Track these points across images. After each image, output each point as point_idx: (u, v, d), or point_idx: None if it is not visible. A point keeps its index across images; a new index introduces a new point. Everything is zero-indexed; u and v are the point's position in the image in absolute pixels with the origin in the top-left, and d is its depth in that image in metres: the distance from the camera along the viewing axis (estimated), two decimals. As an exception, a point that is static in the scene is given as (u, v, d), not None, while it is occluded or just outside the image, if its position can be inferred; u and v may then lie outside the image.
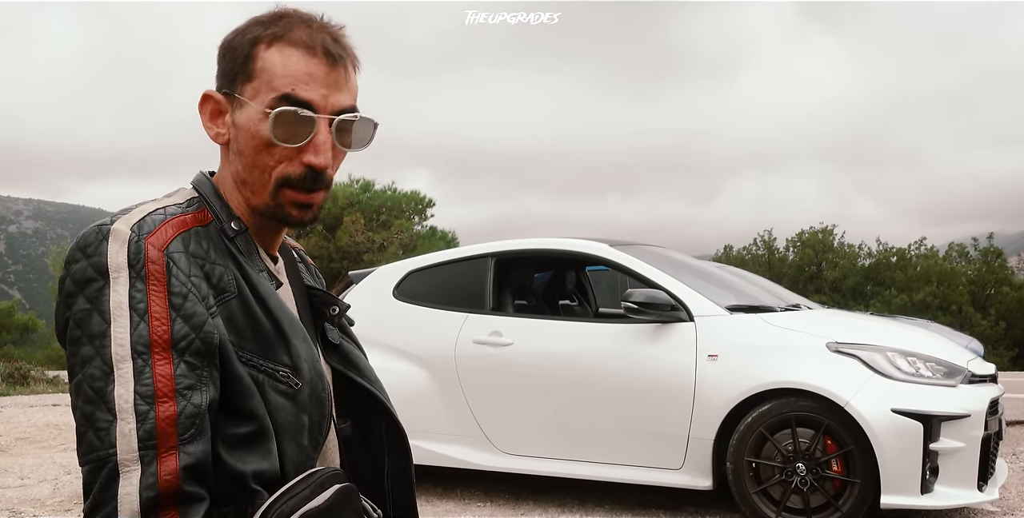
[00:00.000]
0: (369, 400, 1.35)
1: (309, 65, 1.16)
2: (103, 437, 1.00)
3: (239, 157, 1.19)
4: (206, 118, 1.22)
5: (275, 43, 1.17)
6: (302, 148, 1.16)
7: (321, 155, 1.16)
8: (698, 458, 4.53)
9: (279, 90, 1.15)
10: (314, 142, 1.16)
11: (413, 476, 1.39)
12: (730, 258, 29.34)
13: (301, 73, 1.16)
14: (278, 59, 1.16)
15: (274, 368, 1.14)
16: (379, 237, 24.07)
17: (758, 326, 4.65)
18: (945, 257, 28.46)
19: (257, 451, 1.10)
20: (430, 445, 5.17)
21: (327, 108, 1.17)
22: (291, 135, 1.15)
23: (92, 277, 1.05)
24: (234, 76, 1.19)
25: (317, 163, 1.16)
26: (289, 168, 1.17)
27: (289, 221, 1.20)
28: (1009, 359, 23.37)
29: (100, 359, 1.02)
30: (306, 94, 1.15)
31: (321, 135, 1.16)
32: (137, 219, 1.10)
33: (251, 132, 1.17)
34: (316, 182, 1.18)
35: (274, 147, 1.16)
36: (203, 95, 1.22)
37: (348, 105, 1.19)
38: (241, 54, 1.18)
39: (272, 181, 1.17)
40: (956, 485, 4.15)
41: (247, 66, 1.18)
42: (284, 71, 1.16)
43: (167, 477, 1.00)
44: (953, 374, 4.41)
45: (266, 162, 1.17)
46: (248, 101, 1.17)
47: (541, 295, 5.95)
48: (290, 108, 1.14)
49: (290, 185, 1.17)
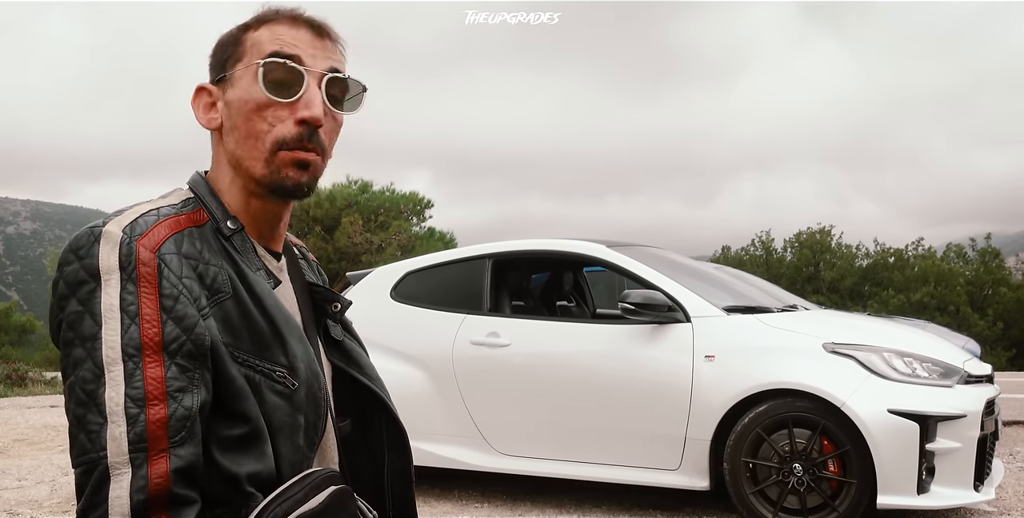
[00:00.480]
0: (370, 398, 1.36)
1: (296, 33, 1.20)
2: (94, 440, 1.01)
3: (233, 133, 1.20)
4: (199, 110, 1.23)
5: (262, 25, 1.21)
6: (294, 106, 1.17)
7: (313, 107, 1.17)
8: (695, 459, 4.53)
9: (267, 51, 1.18)
10: (305, 97, 1.17)
11: (413, 475, 1.39)
12: (728, 259, 29.35)
13: (288, 37, 1.19)
14: (265, 33, 1.20)
15: (270, 368, 1.14)
16: (377, 238, 24.07)
17: (755, 327, 4.66)
18: (943, 258, 28.48)
19: (251, 453, 1.10)
20: (428, 446, 5.17)
21: (315, 65, 1.19)
22: (282, 88, 1.17)
23: (84, 279, 1.05)
24: (224, 61, 1.22)
25: (309, 115, 1.16)
26: (283, 129, 1.17)
27: (287, 186, 1.18)
28: (1007, 359, 23.39)
29: (91, 361, 1.03)
30: (293, 50, 1.18)
31: (312, 90, 1.17)
32: (129, 221, 1.10)
33: (243, 99, 1.18)
34: (311, 139, 1.18)
35: (265, 109, 1.17)
36: (197, 88, 1.24)
37: (336, 68, 1.21)
38: (231, 42, 1.22)
39: (267, 145, 1.17)
40: (952, 485, 4.16)
41: (236, 49, 1.21)
42: (271, 38, 1.19)
43: (157, 480, 1.00)
44: (949, 374, 4.42)
45: (260, 127, 1.18)
46: (239, 73, 1.19)
47: (538, 296, 5.95)
48: (279, 60, 1.17)
49: (285, 146, 1.17)
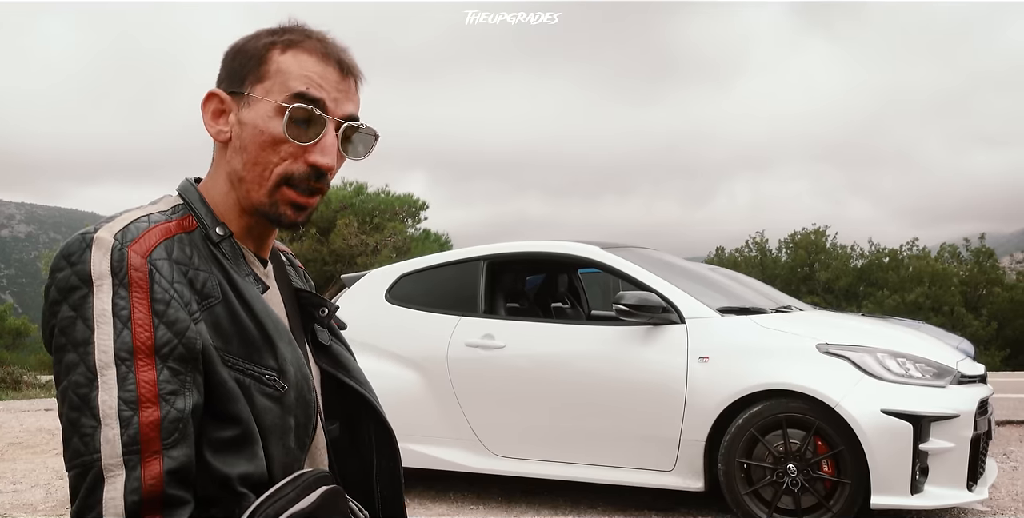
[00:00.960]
0: (358, 401, 1.37)
1: (324, 70, 1.20)
2: (88, 443, 1.02)
3: (241, 154, 1.21)
4: (208, 116, 1.24)
5: (290, 49, 1.21)
6: (308, 148, 1.19)
7: (327, 156, 1.19)
8: (690, 459, 4.54)
9: (294, 89, 1.18)
10: (322, 143, 1.19)
11: (402, 477, 1.40)
12: (722, 260, 29.38)
13: (316, 75, 1.19)
14: (294, 62, 1.20)
15: (260, 372, 1.15)
16: (372, 240, 24.05)
17: (749, 328, 4.67)
18: (937, 258, 28.53)
19: (243, 454, 1.11)
20: (423, 448, 5.17)
21: (336, 112, 1.20)
22: (302, 133, 1.18)
23: (76, 285, 1.07)
24: (244, 76, 1.21)
25: (323, 163, 1.19)
26: (292, 166, 1.19)
27: (282, 221, 1.22)
28: (1001, 359, 23.43)
29: (84, 366, 1.04)
30: (319, 93, 1.19)
31: (329, 136, 1.19)
32: (120, 227, 1.11)
33: (259, 128, 1.19)
34: (319, 181, 1.21)
35: (280, 144, 1.18)
36: (208, 93, 1.24)
37: (354, 114, 1.23)
38: (254, 56, 1.21)
39: (273, 178, 1.19)
40: (946, 485, 4.18)
41: (260, 68, 1.20)
42: (300, 72, 1.19)
43: (151, 481, 1.02)
44: (942, 375, 4.43)
45: (269, 158, 1.19)
46: (260, 98, 1.19)
47: (533, 298, 5.96)
48: (306, 105, 1.18)
49: (290, 183, 1.19)
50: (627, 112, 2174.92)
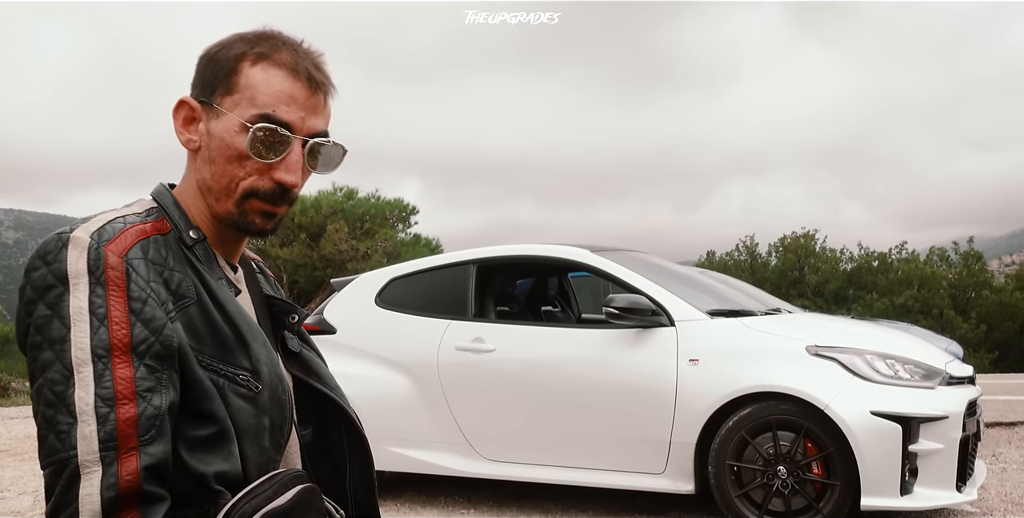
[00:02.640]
0: (330, 407, 1.37)
1: (293, 88, 1.20)
2: (64, 439, 1.02)
3: (209, 165, 1.22)
4: (179, 123, 1.25)
5: (260, 62, 1.21)
6: (273, 165, 1.20)
7: (292, 173, 1.20)
8: (680, 462, 4.54)
9: (261, 108, 1.19)
10: (287, 160, 1.20)
11: (375, 481, 1.41)
12: (713, 264, 29.42)
13: (284, 94, 1.20)
14: (262, 77, 1.20)
15: (234, 372, 1.16)
16: (363, 245, 23.99)
17: (739, 330, 4.68)
18: (926, 261, 28.65)
19: (219, 453, 1.12)
20: (413, 452, 5.16)
21: (303, 130, 1.21)
22: (266, 151, 1.19)
23: (52, 284, 1.07)
24: (215, 87, 1.22)
25: (288, 180, 1.20)
26: (259, 182, 1.21)
27: (251, 229, 1.23)
28: (990, 361, 23.52)
29: (60, 363, 1.04)
30: (286, 116, 1.19)
31: (295, 154, 1.20)
32: (97, 227, 1.12)
33: (226, 143, 1.20)
34: (283, 198, 1.22)
35: (246, 160, 1.20)
36: (178, 101, 1.25)
37: (322, 130, 1.24)
38: (224, 67, 1.21)
39: (239, 191, 1.21)
40: (935, 486, 4.18)
41: (229, 79, 1.21)
42: (268, 90, 1.19)
43: (128, 477, 1.02)
44: (931, 376, 4.45)
45: (236, 172, 1.20)
46: (227, 112, 1.20)
47: (523, 301, 5.96)
48: (270, 126, 1.18)
49: (257, 197, 1.21)
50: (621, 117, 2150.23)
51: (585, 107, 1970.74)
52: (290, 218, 23.85)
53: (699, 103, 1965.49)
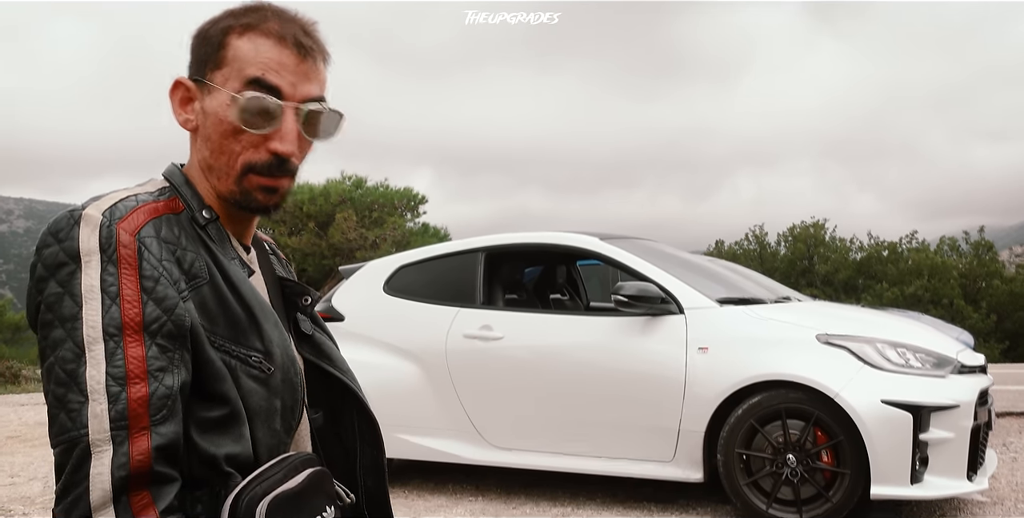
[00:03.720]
0: (342, 390, 1.36)
1: (280, 54, 1.17)
2: (75, 418, 1.01)
3: (206, 143, 1.20)
4: (176, 104, 1.23)
5: (247, 32, 1.18)
6: (268, 135, 1.17)
7: (287, 143, 1.17)
8: (689, 450, 4.53)
9: (249, 75, 1.16)
10: (281, 130, 1.17)
11: (385, 466, 1.39)
12: (722, 253, 29.33)
13: (271, 61, 1.17)
14: (249, 47, 1.17)
15: (246, 353, 1.15)
16: (372, 234, 24.02)
17: (748, 318, 4.66)
18: (936, 251, 28.52)
19: (229, 434, 1.11)
20: (421, 440, 5.16)
21: (295, 96, 1.18)
22: (258, 122, 1.16)
23: (64, 261, 1.06)
24: (204, 63, 1.20)
25: (283, 150, 1.17)
26: (255, 155, 1.18)
27: (254, 206, 1.21)
28: (1000, 351, 23.44)
29: (72, 341, 1.03)
30: (275, 80, 1.17)
31: (288, 123, 1.17)
32: (109, 205, 1.11)
33: (219, 118, 1.18)
34: (281, 169, 1.19)
35: (241, 133, 1.17)
36: (174, 82, 1.23)
37: (316, 95, 1.20)
38: (213, 42, 1.19)
39: (238, 167, 1.18)
40: (946, 475, 4.16)
41: (218, 54, 1.19)
42: (255, 58, 1.17)
43: (139, 457, 1.01)
44: (942, 365, 4.42)
45: (232, 148, 1.18)
46: (218, 87, 1.18)
47: (532, 289, 5.94)
48: (258, 95, 1.16)
49: (255, 171, 1.18)
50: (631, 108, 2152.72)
51: (595, 99, 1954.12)
52: (299, 207, 23.88)
53: (709, 95, 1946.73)
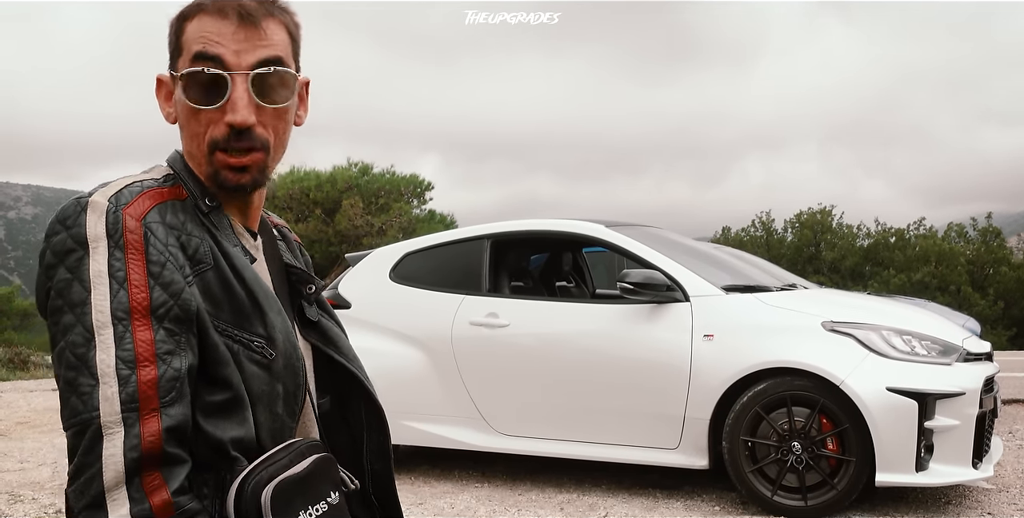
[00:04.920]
0: (347, 377, 1.37)
1: (219, 25, 1.17)
2: (86, 401, 1.03)
3: (182, 130, 1.22)
4: (161, 101, 1.25)
5: (195, 16, 1.19)
6: (223, 108, 1.17)
7: (239, 112, 1.16)
8: (694, 438, 4.54)
9: (191, 53, 1.17)
10: (231, 100, 1.16)
11: (391, 453, 1.41)
12: (728, 240, 29.27)
13: (211, 34, 1.17)
14: (196, 28, 1.18)
15: (249, 339, 1.16)
16: (378, 221, 24.03)
17: (754, 306, 4.65)
18: (944, 237, 28.42)
19: (233, 418, 1.13)
20: (428, 426, 5.19)
21: (241, 65, 1.17)
22: (205, 96, 1.16)
23: (72, 248, 1.08)
24: (171, 54, 1.22)
25: (234, 120, 1.16)
26: (215, 131, 1.18)
27: (227, 186, 1.20)
28: (1008, 338, 23.38)
29: (81, 326, 1.05)
30: (215, 50, 1.16)
31: (237, 92, 1.16)
32: (114, 191, 1.13)
33: (182, 102, 1.19)
34: (241, 140, 1.17)
35: (199, 113, 1.17)
36: (156, 79, 1.25)
37: (265, 58, 1.18)
38: (173, 32, 1.21)
39: (205, 147, 1.19)
40: (951, 463, 4.17)
41: (176, 41, 1.21)
42: (197, 36, 1.18)
43: (150, 438, 1.03)
44: (948, 352, 4.41)
45: (197, 130, 1.19)
46: (177, 75, 1.19)
47: (538, 276, 5.94)
48: (197, 68, 1.16)
49: (219, 147, 1.18)
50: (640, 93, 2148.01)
51: (605, 84, 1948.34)
52: (305, 193, 23.88)
53: (719, 79, 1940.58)
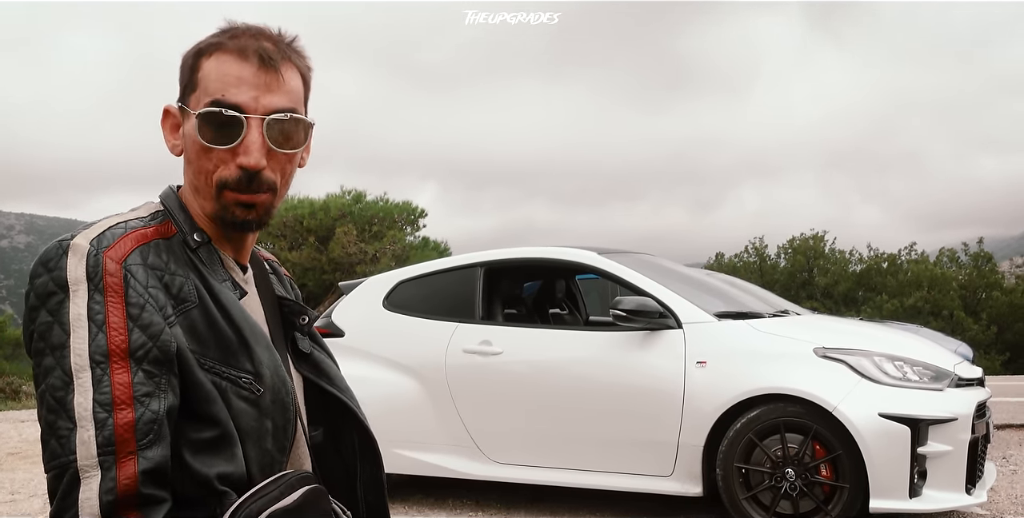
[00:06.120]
0: (340, 409, 1.38)
1: (240, 69, 1.19)
2: (64, 444, 1.04)
3: (189, 166, 1.23)
4: (167, 132, 1.26)
5: (214, 53, 1.21)
6: (235, 150, 1.19)
7: (252, 155, 1.18)
8: (688, 465, 4.54)
9: (211, 96, 1.19)
10: (244, 143, 1.18)
11: (385, 484, 1.41)
12: (722, 265, 29.33)
13: (231, 77, 1.19)
14: (214, 67, 1.20)
15: (236, 375, 1.17)
16: (372, 248, 24.03)
17: (746, 332, 4.67)
18: (936, 262, 28.52)
19: (222, 455, 1.13)
20: (421, 455, 5.17)
21: (258, 110, 1.19)
22: (219, 136, 1.18)
23: (53, 291, 1.09)
24: (183, 88, 1.23)
25: (246, 163, 1.18)
26: (225, 171, 1.20)
27: (235, 223, 1.22)
28: (1001, 363, 23.39)
29: (61, 369, 1.06)
30: (235, 98, 1.18)
31: (251, 136, 1.18)
32: (96, 233, 1.14)
33: (192, 138, 1.20)
34: (251, 183, 1.20)
35: (210, 151, 1.19)
36: (163, 110, 1.26)
37: (281, 106, 1.21)
38: (188, 66, 1.23)
39: (213, 185, 1.21)
40: (944, 489, 4.17)
41: (192, 77, 1.22)
42: (216, 76, 1.19)
43: (126, 481, 1.03)
44: (940, 378, 4.43)
45: (206, 167, 1.20)
46: (190, 110, 1.21)
47: (531, 304, 5.96)
48: (214, 109, 1.17)
49: (228, 187, 1.20)
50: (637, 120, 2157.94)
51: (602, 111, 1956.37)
52: (299, 221, 23.90)
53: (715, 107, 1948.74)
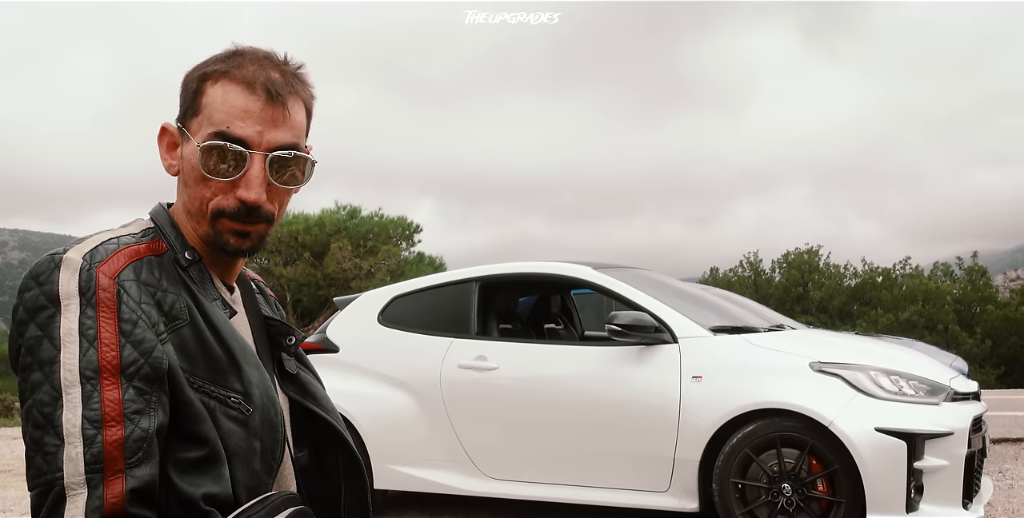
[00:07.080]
0: (326, 429, 1.37)
1: (247, 101, 1.18)
2: (50, 461, 1.02)
3: (185, 188, 1.22)
4: (163, 150, 1.26)
5: (220, 79, 1.20)
6: (236, 182, 1.18)
7: (252, 190, 1.18)
8: (684, 480, 4.52)
9: (216, 126, 1.18)
10: (246, 177, 1.18)
11: (370, 505, 1.40)
12: (716, 280, 29.37)
13: (238, 110, 1.18)
14: (219, 94, 1.19)
15: (225, 394, 1.16)
16: (366, 264, 24.02)
17: (742, 347, 4.67)
18: (930, 276, 28.58)
19: (208, 475, 1.11)
20: (416, 471, 5.14)
21: (262, 144, 1.18)
22: (222, 169, 1.18)
23: (44, 305, 1.07)
24: (185, 110, 1.23)
25: (247, 197, 1.18)
26: (224, 201, 1.19)
27: (227, 249, 1.22)
28: (996, 377, 23.40)
29: (49, 385, 1.04)
30: (240, 132, 1.18)
31: (254, 170, 1.18)
32: (90, 248, 1.13)
33: (191, 164, 1.20)
34: (250, 216, 1.20)
35: (210, 180, 1.18)
36: (160, 127, 1.25)
37: (285, 142, 1.20)
38: (191, 89, 1.22)
39: (208, 212, 1.20)
40: (941, 503, 4.16)
41: (195, 101, 1.21)
42: (223, 107, 1.18)
43: (113, 500, 1.01)
44: (936, 392, 4.43)
45: (203, 194, 1.20)
46: (191, 135, 1.20)
47: (526, 319, 5.95)
48: (219, 143, 1.17)
49: (224, 216, 1.20)
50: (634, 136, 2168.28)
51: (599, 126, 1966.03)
52: (293, 237, 23.89)
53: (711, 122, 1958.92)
